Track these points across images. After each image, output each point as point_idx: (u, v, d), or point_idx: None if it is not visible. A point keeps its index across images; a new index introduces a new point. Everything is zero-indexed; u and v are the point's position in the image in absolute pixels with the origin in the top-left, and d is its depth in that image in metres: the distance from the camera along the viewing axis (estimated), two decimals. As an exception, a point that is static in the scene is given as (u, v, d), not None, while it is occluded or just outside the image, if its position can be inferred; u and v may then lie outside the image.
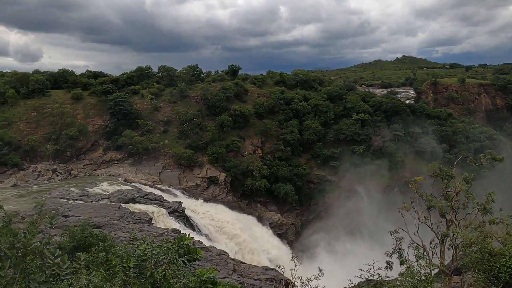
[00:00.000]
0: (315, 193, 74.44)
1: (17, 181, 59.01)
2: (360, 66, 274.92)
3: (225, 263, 37.53)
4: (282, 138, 75.52)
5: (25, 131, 66.95)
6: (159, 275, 6.53)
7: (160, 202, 49.21)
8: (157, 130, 70.66)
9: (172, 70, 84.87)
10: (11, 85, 72.22)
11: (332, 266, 44.28)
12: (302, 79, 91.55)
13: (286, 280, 27.80)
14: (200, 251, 6.06)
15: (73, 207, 42.05)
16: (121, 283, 6.17)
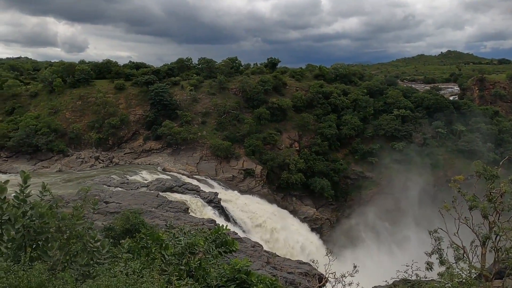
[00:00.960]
0: (352, 189, 73.53)
1: (62, 166, 61.57)
2: (403, 61, 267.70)
3: (259, 255, 37.82)
4: (319, 132, 74.87)
5: (70, 119, 69.57)
6: (195, 263, 6.69)
7: (196, 192, 50.06)
8: (196, 121, 71.67)
9: (211, 62, 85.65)
10: (58, 74, 75.08)
11: (367, 263, 43.77)
12: (341, 73, 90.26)
13: (319, 275, 27.68)
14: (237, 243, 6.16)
15: (113, 194, 43.45)
16: (159, 269, 6.37)
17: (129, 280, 4.95)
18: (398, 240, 62.28)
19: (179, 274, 6.61)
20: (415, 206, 66.48)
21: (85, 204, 6.61)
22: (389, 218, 66.37)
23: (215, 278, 6.19)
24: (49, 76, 74.49)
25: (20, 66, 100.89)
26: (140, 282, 5.04)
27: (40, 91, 74.83)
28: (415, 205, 66.71)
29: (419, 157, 74.06)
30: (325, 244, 59.28)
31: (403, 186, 70.03)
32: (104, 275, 5.13)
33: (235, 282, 6.12)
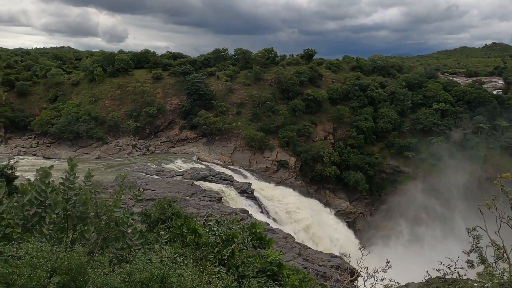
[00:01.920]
0: (387, 183, 72.24)
1: (101, 153, 63.52)
2: (444, 53, 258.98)
3: (291, 246, 37.87)
4: (355, 125, 73.80)
5: (109, 107, 71.50)
6: (227, 253, 6.79)
7: (230, 182, 50.53)
8: (231, 112, 72.12)
9: (247, 53, 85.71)
10: (99, 64, 77.24)
11: (400, 259, 43.04)
12: (379, 65, 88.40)
13: (351, 269, 27.47)
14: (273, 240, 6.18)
15: (149, 181, 44.47)
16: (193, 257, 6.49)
17: (164, 266, 5.07)
18: (434, 237, 60.87)
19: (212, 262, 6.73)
20: (453, 203, 64.68)
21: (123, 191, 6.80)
22: (425, 214, 64.88)
23: (246, 268, 6.26)
24: (90, 65, 76.80)
25: (63, 55, 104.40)
26: (174, 269, 5.15)
27: (81, 79, 77.22)
28: (452, 202, 64.91)
29: (459, 153, 71.81)
30: (358, 238, 58.69)
31: (440, 182, 68.19)
32: (139, 259, 5.28)
33: (266, 273, 6.17)
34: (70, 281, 4.32)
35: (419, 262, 47.82)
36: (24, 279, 3.99)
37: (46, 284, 4.11)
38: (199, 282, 5.35)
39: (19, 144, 66.49)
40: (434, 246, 57.26)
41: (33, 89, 75.08)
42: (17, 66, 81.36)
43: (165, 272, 4.98)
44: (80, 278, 4.41)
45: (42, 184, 6.02)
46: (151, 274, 4.90)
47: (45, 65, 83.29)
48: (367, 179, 68.96)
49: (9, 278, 4.00)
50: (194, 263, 6.40)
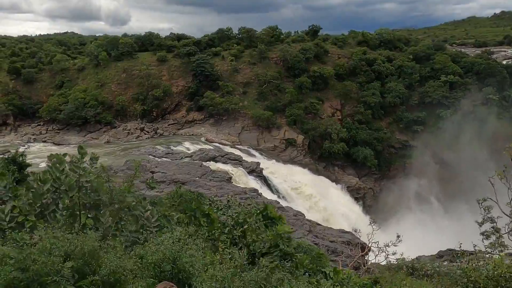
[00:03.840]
0: (396, 158, 72.03)
1: (110, 138, 63.93)
2: (452, 24, 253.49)
3: (301, 223, 38.17)
4: (362, 100, 73.20)
5: (116, 91, 71.53)
6: (238, 232, 6.85)
7: (239, 162, 50.72)
8: (237, 92, 71.83)
9: (252, 32, 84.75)
10: (103, 48, 76.92)
11: (410, 233, 43.23)
12: (386, 38, 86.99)
13: (362, 244, 27.68)
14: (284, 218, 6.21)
15: (159, 164, 44.79)
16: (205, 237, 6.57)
17: (175, 247, 5.13)
18: (443, 210, 60.96)
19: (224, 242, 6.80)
20: (462, 175, 64.42)
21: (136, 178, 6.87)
22: (434, 188, 64.84)
23: (258, 246, 6.32)
24: (94, 50, 76.50)
25: (67, 41, 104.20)
26: (185, 249, 5.22)
27: (86, 65, 77.10)
28: (462, 174, 64.65)
29: (468, 125, 71.10)
30: (368, 213, 58.92)
31: (450, 155, 67.84)
32: (152, 241, 5.35)
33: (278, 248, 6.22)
34: (84, 266, 4.40)
35: (430, 235, 48.08)
36: (38, 265, 4.06)
37: (60, 269, 4.18)
38: (210, 262, 5.42)
39: (29, 132, 67.05)
40: (445, 220, 57.43)
41: (39, 76, 75.18)
42: (22, 54, 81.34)
43: (177, 253, 5.04)
44: (93, 262, 4.48)
45: (57, 171, 6.10)
46: (163, 255, 4.98)
47: (50, 51, 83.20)
48: (375, 155, 68.78)
49: (24, 264, 4.07)
50: (206, 243, 6.48)
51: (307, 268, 7.17)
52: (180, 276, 4.93)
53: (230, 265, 5.22)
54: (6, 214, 5.82)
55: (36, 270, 4.00)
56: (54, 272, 4.10)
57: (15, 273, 3.94)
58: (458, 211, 56.79)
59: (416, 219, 58.66)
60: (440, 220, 57.16)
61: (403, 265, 15.91)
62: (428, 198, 63.63)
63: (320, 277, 7.20)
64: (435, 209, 61.45)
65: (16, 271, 3.96)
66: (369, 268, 21.56)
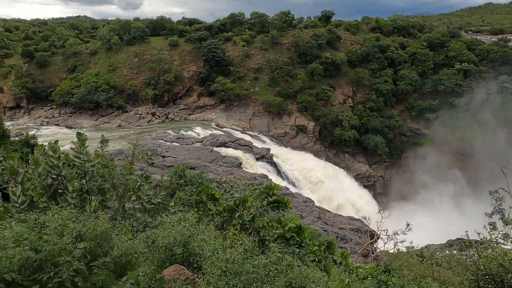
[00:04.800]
0: (407, 146, 71.50)
1: (122, 122, 64.32)
2: (468, 10, 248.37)
3: (311, 210, 38.30)
4: (374, 88, 72.55)
5: (127, 76, 71.73)
6: (248, 217, 6.88)
7: (249, 148, 50.79)
8: (248, 77, 71.58)
9: (264, 17, 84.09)
10: (115, 32, 77.01)
11: (420, 222, 43.12)
12: (400, 25, 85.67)
13: (371, 232, 27.71)
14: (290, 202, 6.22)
15: (170, 149, 45.04)
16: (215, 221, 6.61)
17: (186, 231, 5.17)
18: (454, 199, 60.54)
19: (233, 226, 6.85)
20: (475, 165, 63.82)
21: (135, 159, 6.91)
22: (446, 177, 64.31)
23: (267, 233, 6.35)
24: (106, 34, 76.68)
25: (80, 24, 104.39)
26: (196, 234, 5.26)
27: (99, 49, 77.32)
28: (474, 163, 64.04)
29: (482, 114, 70.17)
30: (377, 201, 58.86)
31: (462, 144, 67.15)
32: (162, 226, 5.40)
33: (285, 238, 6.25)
34: (96, 247, 4.46)
35: (440, 224, 47.91)
36: (51, 246, 4.13)
37: (72, 249, 4.24)
38: (220, 246, 5.46)
39: (42, 115, 67.72)
40: (456, 209, 57.12)
41: (52, 59, 75.65)
42: (36, 37, 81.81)
43: (188, 237, 5.09)
44: (105, 244, 4.54)
45: (53, 159, 6.13)
46: (174, 239, 5.02)
47: (63, 35, 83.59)
48: (386, 142, 68.39)
49: (37, 245, 4.14)
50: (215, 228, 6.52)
51: (316, 255, 7.20)
52: (191, 259, 4.99)
53: (240, 250, 5.26)
54: (18, 196, 5.90)
55: (49, 250, 4.07)
56: (67, 252, 4.17)
57: (29, 253, 4.01)
58: (469, 201, 56.44)
59: (427, 208, 58.44)
60: (450, 210, 56.86)
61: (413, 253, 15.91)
62: (439, 187, 63.21)
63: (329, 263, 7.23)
64: (446, 198, 61.06)
65: (30, 252, 4.03)
66: (378, 255, 21.62)
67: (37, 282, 3.96)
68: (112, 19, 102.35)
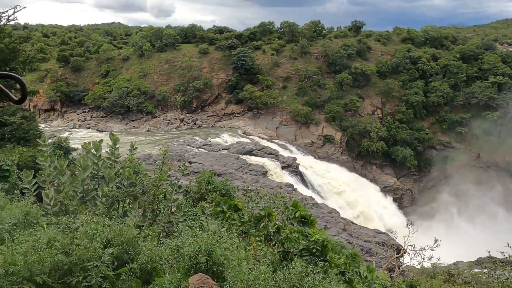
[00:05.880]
0: (437, 159, 69.90)
1: (150, 127, 65.45)
2: (504, 22, 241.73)
3: (336, 221, 37.85)
4: (404, 99, 71.41)
5: (158, 82, 73.04)
6: (273, 228, 6.88)
7: (275, 156, 50.72)
8: (276, 86, 71.73)
9: (294, 26, 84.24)
10: (147, 39, 78.69)
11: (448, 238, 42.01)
12: (432, 36, 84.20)
13: (397, 246, 27.15)
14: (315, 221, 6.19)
15: (197, 155, 45.46)
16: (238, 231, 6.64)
17: (210, 240, 5.22)
18: (486, 215, 58.69)
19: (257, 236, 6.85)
20: (506, 181, 61.83)
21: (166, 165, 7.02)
22: (476, 193, 62.46)
23: (291, 245, 6.33)
24: (139, 41, 78.44)
25: (114, 31, 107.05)
26: (220, 243, 5.29)
27: (131, 55, 79.09)
28: (506, 180, 62.05)
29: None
30: (405, 215, 57.65)
31: (494, 160, 65.21)
32: (186, 234, 5.46)
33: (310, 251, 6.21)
34: (123, 253, 4.55)
35: (469, 242, 46.49)
36: (81, 250, 4.24)
37: (101, 255, 4.35)
38: (245, 256, 5.48)
39: (74, 118, 69.66)
40: (486, 226, 55.35)
41: (86, 64, 77.81)
42: (71, 43, 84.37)
43: (212, 246, 5.13)
44: (131, 250, 4.63)
45: (94, 157, 6.33)
46: (198, 247, 5.07)
47: (97, 41, 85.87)
48: (415, 155, 67.10)
49: (68, 248, 4.26)
50: (240, 237, 6.55)
51: (341, 268, 7.12)
52: (215, 269, 5.02)
53: (263, 261, 5.26)
54: (50, 198, 6.09)
55: (79, 254, 4.19)
56: (96, 257, 4.28)
57: (60, 256, 4.14)
58: (502, 217, 54.67)
59: (456, 224, 56.89)
60: (482, 226, 55.13)
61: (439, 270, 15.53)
62: (469, 202, 61.47)
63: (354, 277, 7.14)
64: (476, 215, 59.28)
65: (61, 255, 4.16)
66: (404, 271, 21.17)
67: (66, 285, 4.07)
68: (145, 26, 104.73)
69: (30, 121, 25.06)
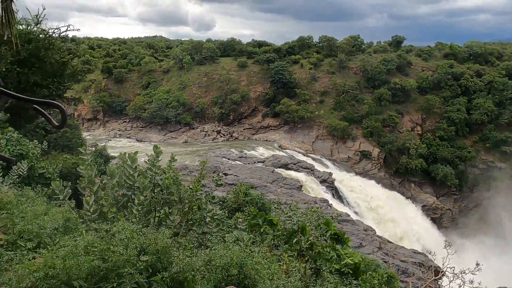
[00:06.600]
0: (480, 179, 67.23)
1: (188, 138, 66.58)
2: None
3: (371, 239, 36.99)
4: (446, 116, 69.43)
5: (196, 94, 74.41)
6: (306, 244, 6.82)
7: (311, 171, 50.32)
8: (313, 100, 71.50)
9: (332, 40, 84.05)
10: (188, 52, 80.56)
11: (491, 262, 40.17)
12: (476, 52, 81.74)
13: (436, 268, 26.19)
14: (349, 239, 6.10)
15: (232, 167, 45.76)
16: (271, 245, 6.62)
17: (242, 253, 5.22)
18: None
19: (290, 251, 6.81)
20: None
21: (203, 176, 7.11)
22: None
23: (324, 263, 6.24)
24: (179, 54, 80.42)
25: (155, 44, 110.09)
26: (252, 256, 5.29)
27: (171, 67, 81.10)
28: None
29: None
30: (444, 235, 55.60)
31: (543, 181, 62.04)
32: (218, 245, 5.50)
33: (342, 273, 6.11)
34: (157, 261, 4.63)
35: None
36: (117, 256, 4.35)
37: (135, 262, 4.44)
38: (276, 271, 5.45)
39: (116, 127, 71.85)
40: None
41: (129, 76, 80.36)
42: (115, 55, 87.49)
43: (244, 259, 5.13)
44: (165, 259, 4.70)
45: (129, 168, 6.51)
46: (230, 260, 5.09)
47: (140, 53, 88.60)
48: (457, 174, 64.83)
49: (105, 254, 4.38)
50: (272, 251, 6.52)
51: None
52: (246, 282, 5.02)
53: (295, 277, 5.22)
54: (90, 205, 6.30)
55: (115, 261, 4.29)
56: (130, 265, 4.37)
57: (97, 262, 4.26)
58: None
59: (499, 248, 54.32)
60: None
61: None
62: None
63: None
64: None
65: (97, 260, 4.28)
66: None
67: (101, 291, 4.17)
68: (185, 40, 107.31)
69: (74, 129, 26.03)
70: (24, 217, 5.58)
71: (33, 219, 5.51)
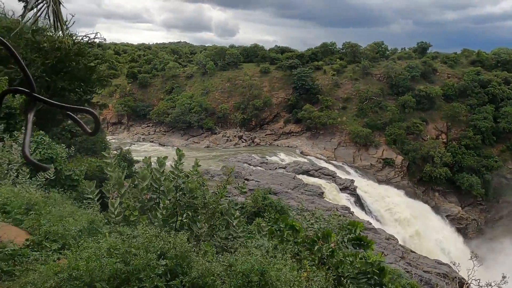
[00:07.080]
0: (507, 189, 65.42)
1: (210, 143, 67.02)
2: None
3: (394, 248, 36.44)
4: (472, 124, 67.93)
5: (219, 99, 74.90)
6: (327, 251, 6.74)
7: (332, 178, 49.95)
8: (336, 107, 71.05)
9: (356, 47, 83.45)
10: (211, 58, 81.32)
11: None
12: (504, 59, 79.83)
13: (460, 279, 25.56)
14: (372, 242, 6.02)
15: (253, 172, 45.81)
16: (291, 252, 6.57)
17: (263, 259, 5.20)
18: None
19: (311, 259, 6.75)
20: None
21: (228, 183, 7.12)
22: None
23: (346, 269, 6.16)
24: (203, 60, 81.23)
25: (179, 50, 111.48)
26: (273, 263, 5.26)
27: (195, 72, 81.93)
28: None
29: None
30: (469, 246, 54.24)
31: None
32: (240, 252, 5.48)
33: (366, 276, 6.01)
34: (176, 266, 4.65)
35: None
36: (138, 259, 4.39)
37: (155, 266, 4.47)
38: (298, 278, 5.40)
39: (139, 132, 72.91)
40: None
41: (153, 81, 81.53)
42: (140, 60, 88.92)
43: (265, 265, 5.10)
44: (184, 263, 4.72)
45: (157, 172, 6.58)
46: (251, 266, 5.07)
47: (164, 59, 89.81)
48: (483, 184, 63.24)
49: (126, 257, 4.43)
50: (293, 258, 6.47)
51: (397, 298, 6.81)
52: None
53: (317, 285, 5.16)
54: (115, 208, 6.39)
55: (136, 264, 4.33)
56: (150, 268, 4.41)
57: (119, 264, 4.31)
58: None
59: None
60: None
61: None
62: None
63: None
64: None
65: (120, 263, 4.33)
66: (467, 306, 19.87)
67: (123, 294, 4.21)
68: (209, 45, 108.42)
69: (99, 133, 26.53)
70: (50, 218, 5.70)
71: (59, 220, 5.62)
